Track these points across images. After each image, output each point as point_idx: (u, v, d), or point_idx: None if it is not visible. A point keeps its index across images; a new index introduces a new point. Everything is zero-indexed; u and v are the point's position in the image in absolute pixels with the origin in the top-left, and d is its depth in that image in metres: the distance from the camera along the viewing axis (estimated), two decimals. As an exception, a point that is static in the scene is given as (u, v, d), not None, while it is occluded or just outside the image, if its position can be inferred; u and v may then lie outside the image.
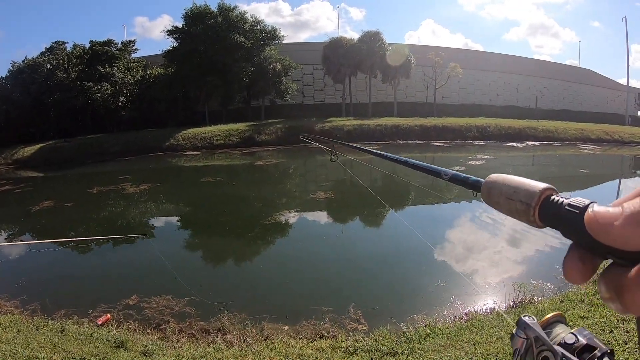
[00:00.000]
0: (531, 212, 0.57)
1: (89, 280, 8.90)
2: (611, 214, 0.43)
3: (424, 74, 48.26)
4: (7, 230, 15.45)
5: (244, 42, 43.54)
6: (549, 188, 0.57)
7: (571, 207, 0.50)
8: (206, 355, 5.15)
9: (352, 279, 8.26)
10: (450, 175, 1.00)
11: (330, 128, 36.89)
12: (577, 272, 0.49)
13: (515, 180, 0.63)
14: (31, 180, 28.08)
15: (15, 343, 5.16)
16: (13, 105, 42.97)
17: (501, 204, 0.65)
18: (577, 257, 0.49)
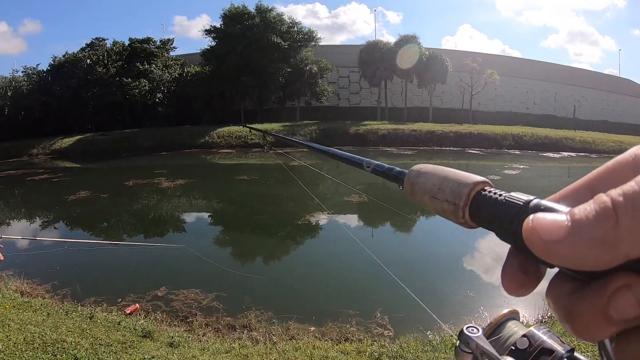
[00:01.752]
0: (460, 214, 0.47)
1: (119, 271, 9.03)
2: (557, 227, 0.33)
3: (460, 80, 47.28)
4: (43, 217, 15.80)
5: (281, 43, 43.71)
6: (481, 182, 0.47)
7: (505, 207, 0.41)
8: (231, 350, 5.15)
9: (380, 284, 8.16)
10: (372, 166, 0.86)
11: (364, 131, 36.76)
12: (517, 284, 0.41)
13: (441, 175, 0.52)
14: (68, 170, 28.75)
15: (44, 326, 5.25)
16: (53, 97, 44.09)
17: (426, 203, 0.54)
18: (517, 265, 0.41)
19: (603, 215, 0.31)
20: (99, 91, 43.25)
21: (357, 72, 49.03)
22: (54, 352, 4.41)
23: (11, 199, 20.04)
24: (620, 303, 0.31)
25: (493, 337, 0.91)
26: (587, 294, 0.33)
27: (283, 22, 45.63)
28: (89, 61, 45.31)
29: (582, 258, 0.32)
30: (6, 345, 4.16)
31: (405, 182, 0.58)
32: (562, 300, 0.36)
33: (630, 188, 0.31)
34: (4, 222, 15.34)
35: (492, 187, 0.46)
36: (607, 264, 0.31)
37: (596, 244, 0.31)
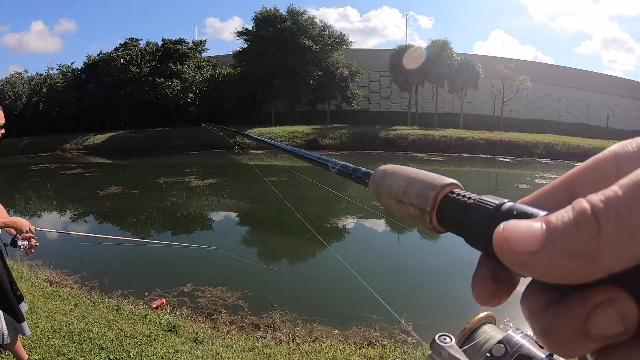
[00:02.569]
0: (427, 219, 0.43)
1: (147, 266, 9.15)
2: (531, 236, 0.30)
3: (492, 86, 46.59)
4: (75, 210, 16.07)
5: (312, 46, 43.83)
6: (449, 184, 0.43)
7: (476, 211, 0.38)
8: (255, 349, 5.13)
9: (406, 290, 8.09)
10: (338, 167, 0.77)
11: (394, 136, 36.55)
12: (489, 293, 0.37)
13: (406, 176, 0.47)
14: (100, 166, 29.25)
15: (71, 315, 5.30)
16: (87, 95, 45.16)
17: (391, 207, 0.49)
18: (488, 273, 0.37)
19: (583, 223, 0.28)
20: (132, 90, 44.02)
21: (388, 76, 48.77)
22: (80, 341, 4.44)
23: (44, 192, 20.48)
24: (600, 319, 0.28)
25: (468, 343, 0.85)
26: (565, 308, 0.30)
27: (314, 25, 45.71)
28: (122, 61, 46.18)
29: (560, 272, 0.29)
30: (34, 332, 4.20)
31: (370, 184, 0.53)
32: (538, 313, 0.32)
33: (612, 193, 0.28)
34: (37, 213, 15.67)
35: (461, 189, 0.43)
36: (587, 278, 0.28)
37: (575, 257, 0.28)
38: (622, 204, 0.27)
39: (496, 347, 0.79)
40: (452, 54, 43.99)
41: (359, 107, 50.67)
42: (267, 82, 43.41)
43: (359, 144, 35.36)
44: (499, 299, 0.37)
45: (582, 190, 0.32)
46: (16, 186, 20.73)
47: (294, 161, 29.94)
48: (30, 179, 23.42)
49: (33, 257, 8.25)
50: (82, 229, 12.98)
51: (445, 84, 45.57)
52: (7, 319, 3.43)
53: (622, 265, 0.27)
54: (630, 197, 0.27)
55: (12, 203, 16.19)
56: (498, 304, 0.38)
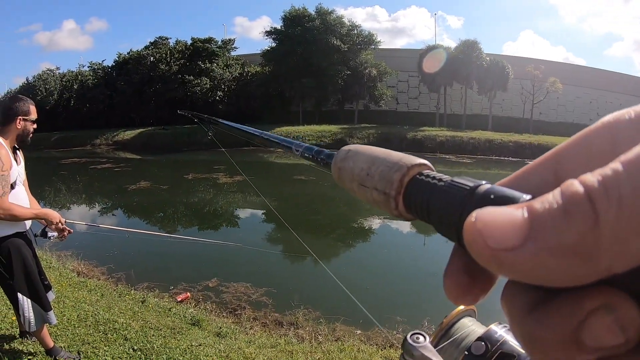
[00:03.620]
0: (392, 205, 0.36)
1: (173, 260, 9.23)
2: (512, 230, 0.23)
3: (521, 88, 45.54)
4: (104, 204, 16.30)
5: (341, 46, 43.77)
6: (417, 164, 0.36)
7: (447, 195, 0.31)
8: (277, 346, 5.12)
9: (430, 294, 7.99)
10: (302, 149, 0.69)
11: (422, 137, 36.27)
12: (462, 290, 0.30)
13: (369, 156, 0.41)
14: (129, 161, 29.71)
15: (97, 306, 5.36)
16: (117, 92, 46.19)
17: (355, 192, 0.42)
18: (461, 266, 0.30)
19: (575, 211, 0.22)
20: (161, 87, 44.72)
21: (417, 76, 48.28)
22: (105, 331, 4.48)
23: (74, 185, 20.85)
24: (596, 328, 0.22)
25: (445, 340, 0.79)
26: (553, 313, 0.23)
27: (343, 25, 45.64)
28: (152, 59, 46.99)
29: (546, 273, 0.22)
30: (60, 321, 4.25)
31: (332, 166, 0.46)
32: (520, 317, 0.25)
33: (612, 172, 0.21)
34: (66, 206, 15.94)
35: (432, 170, 0.37)
36: (583, 280, 0.22)
37: (566, 254, 0.22)
38: (626, 185, 0.21)
39: (475, 344, 0.74)
40: (481, 54, 43.36)
41: (387, 107, 50.41)
42: (295, 81, 43.49)
43: (387, 145, 34.42)
44: (473, 296, 0.30)
45: (571, 170, 0.27)
46: (47, 179, 21.11)
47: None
48: (61, 172, 23.89)
49: (62, 248, 8.41)
50: (110, 222, 13.18)
51: (474, 85, 44.90)
52: (34, 308, 3.47)
53: (627, 264, 0.21)
54: (637, 175, 0.21)
55: (43, 195, 16.50)
56: (473, 302, 0.30)
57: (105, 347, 4.09)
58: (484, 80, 43.33)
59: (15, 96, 3.52)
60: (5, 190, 3.17)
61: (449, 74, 43.05)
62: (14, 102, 3.42)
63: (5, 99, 3.58)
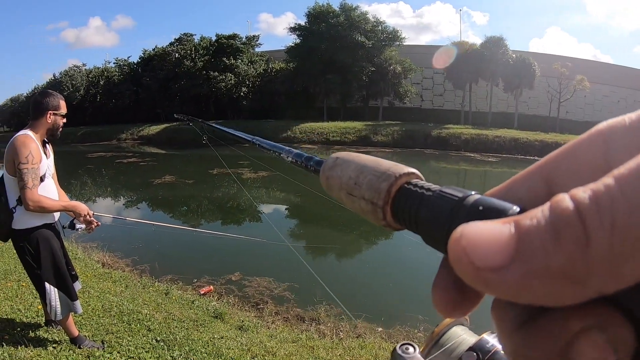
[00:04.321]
0: (380, 215, 0.35)
1: (197, 253, 9.31)
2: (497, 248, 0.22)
3: (548, 86, 44.56)
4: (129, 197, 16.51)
5: (365, 42, 43.64)
6: (405, 174, 0.35)
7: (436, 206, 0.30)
8: (298, 340, 5.12)
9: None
10: (292, 155, 0.67)
11: (447, 135, 35.94)
12: (451, 304, 0.29)
13: (357, 165, 0.39)
14: (155, 155, 30.06)
15: (122, 296, 5.43)
16: (142, 87, 46.78)
17: (345, 202, 0.40)
18: (450, 280, 0.29)
19: (564, 231, 0.20)
20: (186, 83, 45.19)
21: (442, 73, 47.83)
22: (129, 321, 4.53)
23: (100, 179, 21.14)
24: (587, 349, 0.21)
25: (436, 350, 0.77)
26: (542, 331, 0.23)
27: (367, 21, 45.51)
28: (177, 55, 47.57)
29: (533, 295, 0.21)
30: (85, 310, 4.31)
31: (320, 174, 0.45)
32: (509, 332, 0.25)
33: (605, 188, 0.20)
34: (92, 199, 16.18)
35: (421, 179, 0.36)
36: (571, 302, 0.21)
37: (555, 278, 0.21)
38: (619, 203, 0.19)
39: (466, 354, 0.73)
40: (507, 51, 42.74)
41: (412, 104, 50.16)
42: (319, 78, 43.49)
43: (411, 142, 34.97)
44: (462, 309, 0.29)
45: (563, 181, 0.26)
46: (74, 173, 21.47)
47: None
48: (88, 166, 24.26)
49: (87, 240, 8.55)
50: (135, 215, 13.35)
51: (500, 82, 44.33)
52: (61, 297, 3.53)
53: (618, 286, 0.20)
54: (632, 194, 0.19)
55: (70, 188, 16.77)
56: (462, 315, 0.29)
57: (128, 337, 4.14)
58: (510, 77, 42.67)
59: (46, 91, 3.58)
60: (35, 183, 3.24)
61: (474, 71, 42.47)
62: (45, 97, 3.47)
63: (36, 94, 3.65)
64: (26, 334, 3.90)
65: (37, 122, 3.41)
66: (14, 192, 3.32)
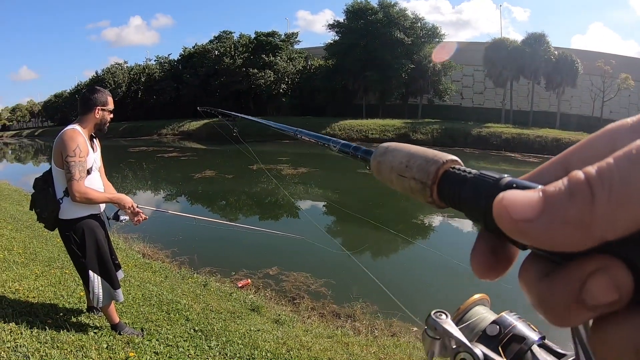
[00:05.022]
0: (428, 193, 0.43)
1: (235, 247, 9.43)
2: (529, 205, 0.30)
3: (591, 84, 43.40)
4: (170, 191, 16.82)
5: (404, 39, 43.33)
6: (449, 160, 0.43)
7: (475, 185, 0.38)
8: (333, 336, 5.14)
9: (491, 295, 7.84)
10: (339, 145, 0.78)
11: (487, 134, 35.33)
12: (487, 267, 0.37)
13: (408, 152, 0.48)
14: (195, 150, 30.54)
15: (161, 286, 5.55)
16: (183, 84, 47.53)
17: (393, 182, 0.48)
18: (487, 247, 0.37)
19: (577, 192, 0.29)
20: (225, 80, 45.79)
21: (482, 71, 46.89)
22: (168, 310, 4.62)
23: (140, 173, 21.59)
24: (594, 288, 0.28)
25: (462, 324, 0.82)
26: (560, 278, 0.30)
27: (406, 18, 45.12)
28: (216, 52, 48.32)
29: (555, 238, 0.29)
30: (126, 299, 4.41)
31: (371, 160, 0.53)
32: (534, 284, 0.32)
33: (606, 164, 0.28)
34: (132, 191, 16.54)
35: (462, 165, 0.43)
36: (581, 246, 0.29)
37: (569, 224, 0.28)
38: (615, 173, 0.28)
39: (490, 326, 0.79)
40: (549, 47, 41.52)
41: (451, 102, 49.54)
42: (358, 75, 43.42)
43: (450, 141, 34.57)
44: (496, 272, 0.37)
45: (578, 166, 0.31)
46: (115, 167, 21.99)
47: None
48: (129, 160, 24.81)
49: (129, 231, 8.77)
50: (175, 208, 13.61)
51: (541, 80, 43.28)
52: (103, 285, 3.63)
53: (615, 233, 0.27)
54: (623, 167, 0.28)
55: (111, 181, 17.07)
56: (496, 277, 0.38)
57: (167, 325, 4.23)
58: (552, 75, 41.49)
59: (94, 87, 3.70)
60: (82, 175, 3.35)
61: (515, 69, 41.48)
62: (93, 93, 3.59)
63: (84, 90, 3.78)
64: (68, 319, 4.01)
65: (85, 117, 3.53)
66: (62, 184, 3.44)
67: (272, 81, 45.35)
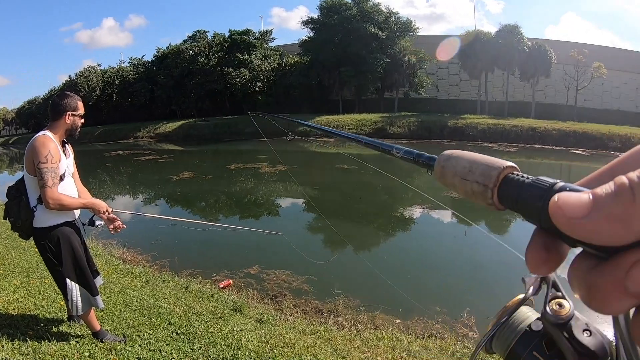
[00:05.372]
0: (489, 195, 0.49)
1: (216, 248, 9.41)
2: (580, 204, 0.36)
3: (565, 73, 44.03)
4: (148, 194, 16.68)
5: (379, 34, 43.48)
6: (509, 166, 0.49)
7: (533, 188, 0.43)
8: (316, 332, 5.15)
9: (471, 284, 7.90)
10: (402, 152, 0.87)
11: (463, 125, 35.67)
12: (540, 262, 0.43)
13: (470, 158, 0.54)
14: (172, 152, 30.34)
15: (142, 291, 5.52)
16: (157, 85, 47.15)
17: (456, 186, 0.55)
18: (541, 244, 0.43)
19: (621, 193, 0.33)
20: (200, 80, 45.52)
21: (457, 63, 47.35)
22: (150, 315, 4.60)
23: (118, 177, 21.39)
24: (636, 276, 0.32)
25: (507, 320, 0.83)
26: (606, 268, 0.35)
27: (380, 12, 45.26)
28: (191, 52, 47.98)
29: (602, 233, 0.33)
30: (107, 305, 4.39)
31: (435, 165, 0.61)
32: (583, 275, 0.37)
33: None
34: (110, 196, 16.38)
35: (519, 171, 0.48)
36: (624, 240, 0.33)
37: (614, 221, 0.33)
38: None
39: (535, 322, 0.78)
40: (522, 39, 42.11)
41: (427, 95, 49.86)
42: (334, 71, 43.46)
43: (427, 133, 34.83)
44: (549, 266, 0.42)
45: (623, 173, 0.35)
46: (92, 171, 21.74)
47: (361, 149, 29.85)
48: (106, 164, 24.56)
49: (108, 237, 8.71)
50: (154, 211, 13.52)
51: (516, 71, 43.79)
52: (82, 292, 3.61)
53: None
54: None
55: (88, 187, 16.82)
56: (548, 271, 0.43)
57: (149, 330, 4.21)
58: (526, 66, 42.08)
59: (64, 93, 3.65)
60: (55, 182, 3.32)
61: (489, 60, 41.98)
62: (63, 98, 3.55)
63: (54, 96, 3.75)
64: (49, 329, 3.98)
65: (55, 122, 3.50)
66: (35, 192, 3.40)
67: (248, 79, 45.15)
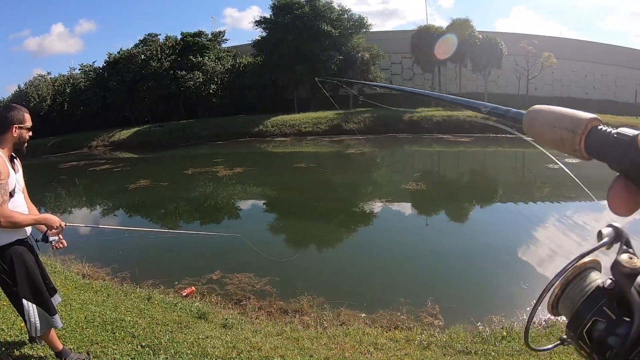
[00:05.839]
0: (577, 140, 0.54)
1: (176, 255, 9.30)
2: None
3: (516, 64, 45.01)
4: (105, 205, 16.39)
5: (332, 31, 43.46)
6: (596, 118, 0.54)
7: (619, 136, 0.48)
8: (283, 333, 5.19)
9: (433, 273, 8.07)
10: (489, 108, 0.95)
11: (418, 118, 35.97)
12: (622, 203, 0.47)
13: (560, 109, 0.60)
14: (128, 160, 29.80)
15: (104, 306, 5.44)
16: (109, 92, 46.10)
17: (544, 134, 0.61)
18: (623, 187, 0.47)
19: None
20: (153, 84, 44.65)
21: (410, 58, 48.01)
22: (113, 329, 4.55)
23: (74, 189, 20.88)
24: None
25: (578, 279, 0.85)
26: None
27: (332, 10, 45.15)
28: (143, 56, 47.06)
29: None
30: (68, 323, 4.32)
31: (525, 115, 0.68)
32: None
33: None
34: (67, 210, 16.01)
35: (604, 123, 0.54)
36: None
37: None
38: None
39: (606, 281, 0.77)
40: (473, 32, 42.99)
41: (382, 90, 50.18)
42: (288, 70, 43.29)
43: (383, 128, 35.09)
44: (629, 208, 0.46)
45: None
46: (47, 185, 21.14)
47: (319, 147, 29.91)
48: (61, 177, 23.92)
49: (66, 252, 8.48)
50: (112, 222, 13.28)
51: (468, 64, 44.61)
52: (39, 312, 3.53)
53: None
54: None
55: (44, 201, 16.51)
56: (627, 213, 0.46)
57: (113, 345, 4.16)
58: (478, 58, 42.88)
59: (10, 105, 3.57)
60: (5, 199, 3.23)
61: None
62: (9, 111, 3.47)
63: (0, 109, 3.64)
64: (11, 353, 3.90)
65: (2, 137, 3.40)
66: (-17, 210, 3.30)
67: (202, 82, 44.57)
